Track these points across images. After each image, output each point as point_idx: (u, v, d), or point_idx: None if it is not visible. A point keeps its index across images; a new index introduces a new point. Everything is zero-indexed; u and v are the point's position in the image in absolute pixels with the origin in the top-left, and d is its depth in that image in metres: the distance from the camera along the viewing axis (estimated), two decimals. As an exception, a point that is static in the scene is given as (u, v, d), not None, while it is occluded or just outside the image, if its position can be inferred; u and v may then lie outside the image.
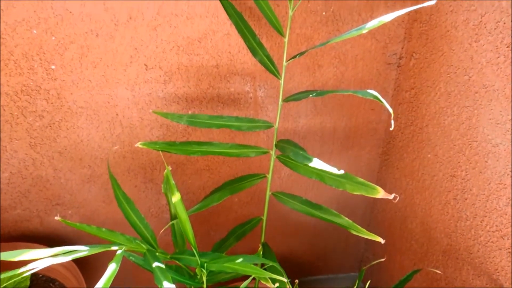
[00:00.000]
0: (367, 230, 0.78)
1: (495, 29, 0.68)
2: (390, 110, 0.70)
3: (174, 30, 0.92)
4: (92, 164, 1.10)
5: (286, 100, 0.86)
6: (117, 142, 1.07)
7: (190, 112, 1.06)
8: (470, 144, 0.79)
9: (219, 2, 0.84)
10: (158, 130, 1.07)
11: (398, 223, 1.13)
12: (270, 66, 0.84)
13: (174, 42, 0.94)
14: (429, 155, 0.94)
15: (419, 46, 0.93)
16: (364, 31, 0.73)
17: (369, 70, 1.05)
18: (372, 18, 0.96)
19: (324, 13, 0.95)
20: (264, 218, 0.97)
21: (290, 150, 0.81)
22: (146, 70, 0.97)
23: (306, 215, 0.87)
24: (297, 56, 0.82)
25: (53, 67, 0.92)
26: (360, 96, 0.74)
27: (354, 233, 0.81)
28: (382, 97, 1.10)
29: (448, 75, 0.83)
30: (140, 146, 0.86)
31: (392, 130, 1.12)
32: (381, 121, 1.15)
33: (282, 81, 0.86)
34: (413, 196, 1.03)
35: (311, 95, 0.80)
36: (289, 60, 0.84)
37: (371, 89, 1.09)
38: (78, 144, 1.06)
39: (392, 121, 0.70)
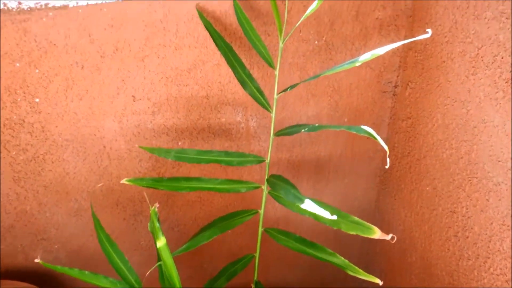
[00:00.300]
0: (365, 260, 0.74)
1: (492, 63, 0.65)
2: (386, 148, 0.66)
3: (162, 61, 0.90)
4: (78, 198, 1.06)
5: (277, 134, 0.83)
6: (104, 175, 1.04)
7: (180, 143, 1.03)
8: (470, 180, 0.75)
9: (208, 32, 0.82)
10: (147, 162, 1.03)
11: (397, 255, 1.09)
12: (260, 99, 0.81)
13: (162, 73, 0.91)
14: (427, 188, 0.90)
15: (414, 75, 0.91)
16: (358, 64, 0.70)
17: (364, 99, 1.02)
18: (365, 47, 0.94)
19: (316, 42, 0.92)
20: (257, 255, 0.93)
21: (281, 188, 0.77)
22: (134, 101, 0.94)
23: (300, 253, 0.83)
24: (288, 89, 0.79)
25: (37, 100, 0.89)
26: (354, 132, 0.70)
27: (351, 273, 0.77)
28: (378, 125, 1.07)
29: (445, 107, 0.80)
30: (126, 182, 0.83)
31: (390, 160, 1.08)
32: (378, 150, 1.12)
33: (273, 115, 0.83)
34: (412, 228, 0.99)
35: (303, 130, 0.76)
36: (280, 93, 0.81)
37: (367, 117, 1.06)
38: (64, 177, 1.02)
39: (388, 159, 0.67)
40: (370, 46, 0.94)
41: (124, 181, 0.82)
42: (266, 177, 0.86)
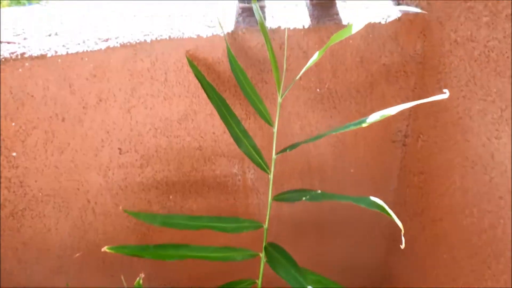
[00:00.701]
0: None
1: (520, 127, 0.57)
2: (400, 225, 0.58)
3: (150, 112, 0.82)
4: (61, 254, 0.97)
5: (276, 199, 0.75)
6: (89, 231, 0.96)
7: (171, 197, 0.95)
8: (496, 258, 0.65)
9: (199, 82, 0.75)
10: (135, 216, 0.95)
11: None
12: (257, 158, 0.73)
13: (150, 124, 0.84)
14: (445, 256, 0.80)
15: (426, 127, 0.82)
16: (365, 125, 0.62)
17: (371, 149, 0.94)
18: (372, 94, 0.85)
19: (318, 90, 0.84)
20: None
21: (279, 263, 0.68)
22: (120, 154, 0.86)
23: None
24: (288, 150, 0.70)
25: (14, 154, 0.82)
26: (363, 206, 0.61)
27: None
28: (387, 177, 0.98)
29: (464, 169, 0.71)
30: (108, 250, 0.74)
31: (400, 215, 0.99)
32: (387, 202, 1.02)
33: (271, 176, 0.74)
34: (427, 295, 0.89)
35: (304, 198, 0.68)
36: (278, 153, 0.73)
37: (374, 168, 0.97)
38: (45, 233, 0.94)
39: (403, 238, 0.58)
40: (377, 94, 0.86)
41: (105, 249, 0.74)
42: (264, 244, 0.77)
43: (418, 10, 0.75)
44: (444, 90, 0.67)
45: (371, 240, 1.10)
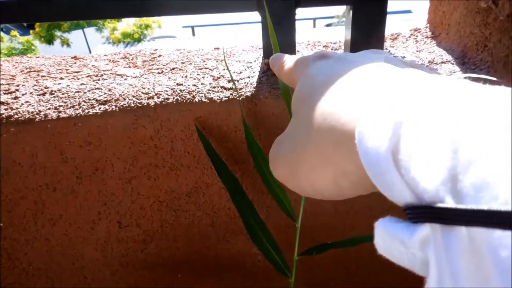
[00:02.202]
0: None
1: None
2: None
3: (154, 183, 0.70)
4: (55, 332, 0.85)
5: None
6: (86, 308, 0.83)
7: (179, 275, 0.81)
8: None
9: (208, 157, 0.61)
10: (138, 295, 0.82)
11: None
12: (275, 258, 0.58)
13: (154, 196, 0.71)
14: None
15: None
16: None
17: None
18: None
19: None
20: None
21: None
22: (120, 228, 0.74)
23: None
24: (314, 253, 0.55)
25: (0, 224, 0.71)
26: None
27: None
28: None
29: None
30: None
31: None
32: None
33: (292, 280, 0.59)
34: None
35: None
36: (301, 254, 0.58)
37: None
38: (37, 309, 0.82)
39: None
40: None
41: None
42: None
43: (491, 78, 0.59)
44: None
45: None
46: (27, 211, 0.71)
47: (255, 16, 0.67)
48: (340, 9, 12.42)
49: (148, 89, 0.66)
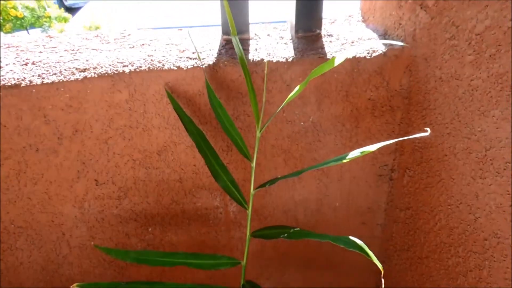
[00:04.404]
0: None
1: (504, 169, 0.55)
2: (380, 266, 0.55)
3: (128, 143, 0.80)
4: (34, 288, 0.93)
5: (254, 235, 0.72)
6: (64, 264, 0.92)
7: (150, 229, 0.91)
8: (482, 301, 0.62)
9: (177, 115, 0.72)
10: (112, 249, 0.91)
11: None
12: (235, 193, 0.70)
13: (128, 155, 0.81)
14: (431, 295, 0.77)
15: (412, 163, 0.80)
16: (345, 161, 0.60)
17: (358, 182, 0.91)
18: (358, 128, 0.84)
19: (302, 123, 0.82)
20: None
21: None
22: (97, 185, 0.83)
23: None
24: (267, 185, 0.68)
25: (-15, 185, 0.79)
26: (342, 246, 0.59)
27: None
28: (374, 211, 0.95)
29: (449, 207, 0.69)
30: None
31: (387, 250, 0.96)
32: (374, 237, 1.00)
33: (249, 211, 0.72)
34: (415, 336, 0.85)
35: (281, 236, 0.65)
36: (257, 188, 0.70)
37: (361, 202, 0.95)
38: (17, 267, 0.90)
39: (383, 280, 0.55)
40: (362, 128, 0.84)
41: (75, 286, 0.70)
42: (242, 282, 0.74)
43: (401, 43, 0.74)
44: (426, 129, 0.65)
45: (359, 274, 1.06)
46: (10, 171, 0.79)
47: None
48: None
49: (122, 59, 0.76)
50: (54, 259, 0.91)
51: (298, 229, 0.64)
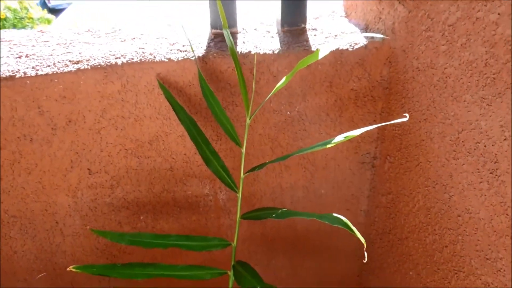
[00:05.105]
0: None
1: (474, 149, 0.59)
2: (363, 240, 0.59)
3: (121, 133, 0.83)
4: (28, 277, 0.95)
5: (244, 217, 0.75)
6: (57, 253, 0.94)
7: (142, 217, 0.94)
8: (456, 273, 0.67)
9: (170, 104, 0.75)
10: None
11: None
12: (225, 178, 0.74)
13: (121, 145, 0.84)
14: (411, 273, 0.82)
15: (393, 149, 0.85)
16: (329, 146, 0.64)
17: (342, 170, 0.96)
18: (341, 117, 0.88)
19: (288, 113, 0.86)
20: None
21: (247, 281, 0.68)
22: (90, 174, 0.86)
23: None
24: (256, 169, 0.72)
25: (-21, 175, 0.80)
26: (327, 222, 0.63)
27: None
28: (357, 197, 1.00)
29: (426, 188, 0.73)
30: (74, 270, 0.73)
31: (370, 234, 1.00)
32: (358, 223, 1.04)
33: (239, 195, 0.75)
34: (396, 314, 0.90)
35: (270, 216, 0.69)
36: (246, 172, 0.74)
37: (345, 189, 0.99)
38: (11, 256, 0.92)
39: (366, 253, 0.59)
40: (346, 117, 0.88)
41: (71, 268, 0.73)
42: (232, 263, 0.77)
43: (381, 35, 0.79)
44: (405, 114, 0.69)
45: (344, 259, 1.11)
46: (5, 161, 0.81)
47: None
48: None
49: (115, 51, 0.79)
50: (48, 248, 0.93)
51: (285, 209, 0.68)
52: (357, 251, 1.10)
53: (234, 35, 0.87)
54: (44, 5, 8.34)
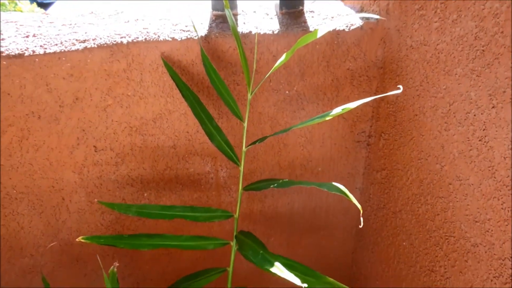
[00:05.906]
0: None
1: (465, 119, 0.63)
2: (359, 206, 0.63)
3: (126, 111, 0.85)
4: (34, 253, 0.98)
5: (246, 189, 0.79)
6: (63, 229, 0.97)
7: (145, 194, 0.97)
8: (447, 238, 0.71)
9: (174, 82, 0.78)
10: (109, 214, 0.97)
11: (376, 311, 1.03)
12: (228, 152, 0.77)
13: (126, 122, 0.87)
14: (404, 243, 0.86)
15: (387, 126, 0.88)
16: (328, 118, 0.67)
17: (338, 148, 0.99)
18: (338, 97, 0.91)
19: (287, 92, 0.90)
20: (225, 318, 0.86)
21: (249, 248, 0.72)
22: (96, 152, 0.89)
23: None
24: (257, 142, 0.75)
25: (-12, 151, 0.83)
26: (325, 190, 0.66)
27: None
28: (353, 176, 1.03)
29: (419, 161, 0.77)
30: (82, 240, 0.76)
31: (365, 211, 1.05)
32: (353, 200, 1.08)
33: (241, 168, 0.79)
34: (390, 285, 0.94)
35: (272, 186, 0.72)
36: (248, 146, 0.77)
37: (341, 167, 1.03)
38: (18, 232, 0.94)
39: (361, 218, 0.63)
40: (342, 96, 0.92)
41: (80, 239, 0.76)
42: (234, 233, 0.81)
43: (376, 16, 0.82)
44: (399, 86, 0.73)
45: (339, 237, 1.15)
46: (13, 138, 0.83)
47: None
48: None
49: (120, 31, 0.82)
50: (54, 224, 0.95)
51: (286, 179, 0.72)
52: (352, 229, 1.14)
53: (234, 16, 0.90)
54: (33, -2, 8.25)
